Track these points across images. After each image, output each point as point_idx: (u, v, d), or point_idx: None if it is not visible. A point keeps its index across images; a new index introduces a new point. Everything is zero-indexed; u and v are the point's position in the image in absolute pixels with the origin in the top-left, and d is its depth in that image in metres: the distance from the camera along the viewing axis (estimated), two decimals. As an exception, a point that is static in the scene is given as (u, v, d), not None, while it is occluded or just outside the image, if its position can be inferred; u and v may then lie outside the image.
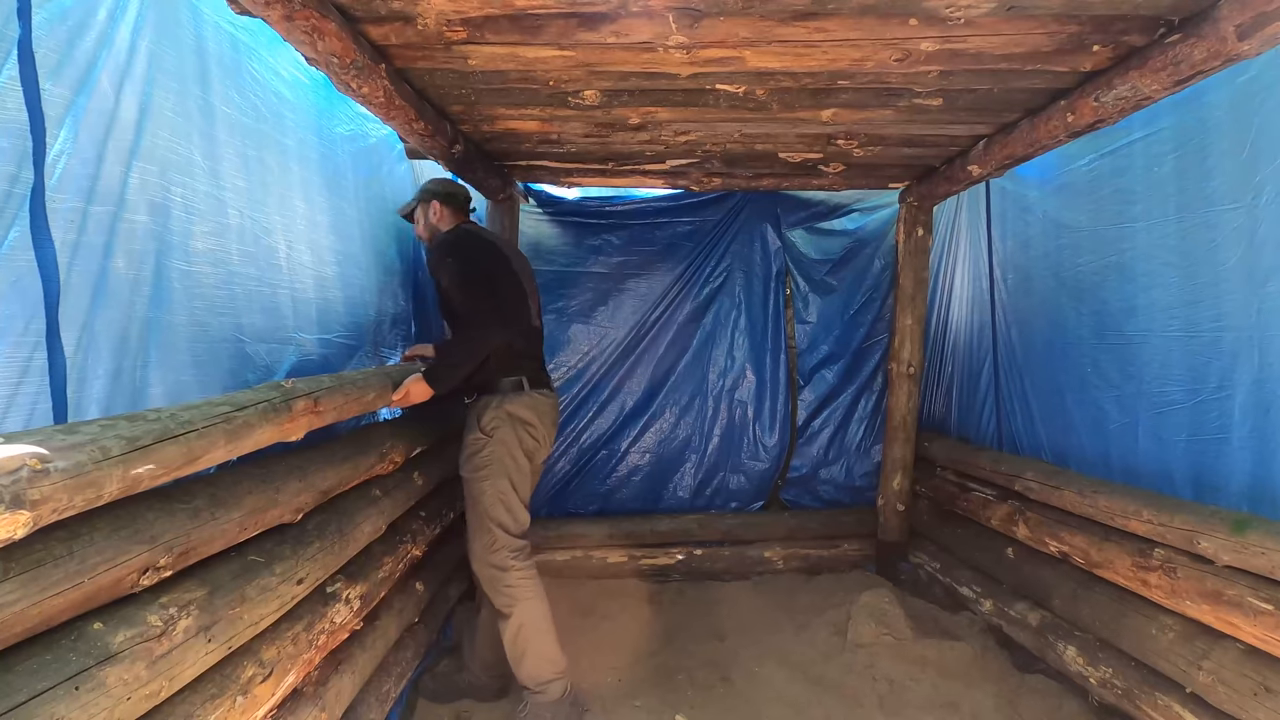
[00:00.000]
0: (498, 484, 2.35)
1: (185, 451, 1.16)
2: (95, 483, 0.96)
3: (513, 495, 2.37)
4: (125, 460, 1.02)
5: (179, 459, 1.15)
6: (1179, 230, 2.18)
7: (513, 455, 2.37)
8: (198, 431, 1.20)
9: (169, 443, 1.12)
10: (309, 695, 1.76)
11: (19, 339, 1.18)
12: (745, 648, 2.93)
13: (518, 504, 2.39)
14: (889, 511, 3.69)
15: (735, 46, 1.92)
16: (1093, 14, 1.74)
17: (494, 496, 2.35)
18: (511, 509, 2.37)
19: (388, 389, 2.18)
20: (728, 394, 3.88)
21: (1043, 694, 2.46)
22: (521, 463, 2.40)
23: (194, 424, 1.20)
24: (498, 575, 2.34)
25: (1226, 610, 1.79)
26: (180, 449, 1.15)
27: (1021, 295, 3.05)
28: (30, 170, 1.20)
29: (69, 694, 0.98)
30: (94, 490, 0.97)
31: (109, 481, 0.99)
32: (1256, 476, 1.92)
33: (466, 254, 2.40)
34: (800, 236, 3.92)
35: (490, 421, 2.36)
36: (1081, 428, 2.64)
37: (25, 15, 1.18)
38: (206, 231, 1.66)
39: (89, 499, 0.96)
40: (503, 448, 2.36)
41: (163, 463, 1.10)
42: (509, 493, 2.37)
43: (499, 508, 2.35)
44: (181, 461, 1.15)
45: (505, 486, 2.36)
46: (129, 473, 1.03)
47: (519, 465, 2.39)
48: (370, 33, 1.83)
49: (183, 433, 1.16)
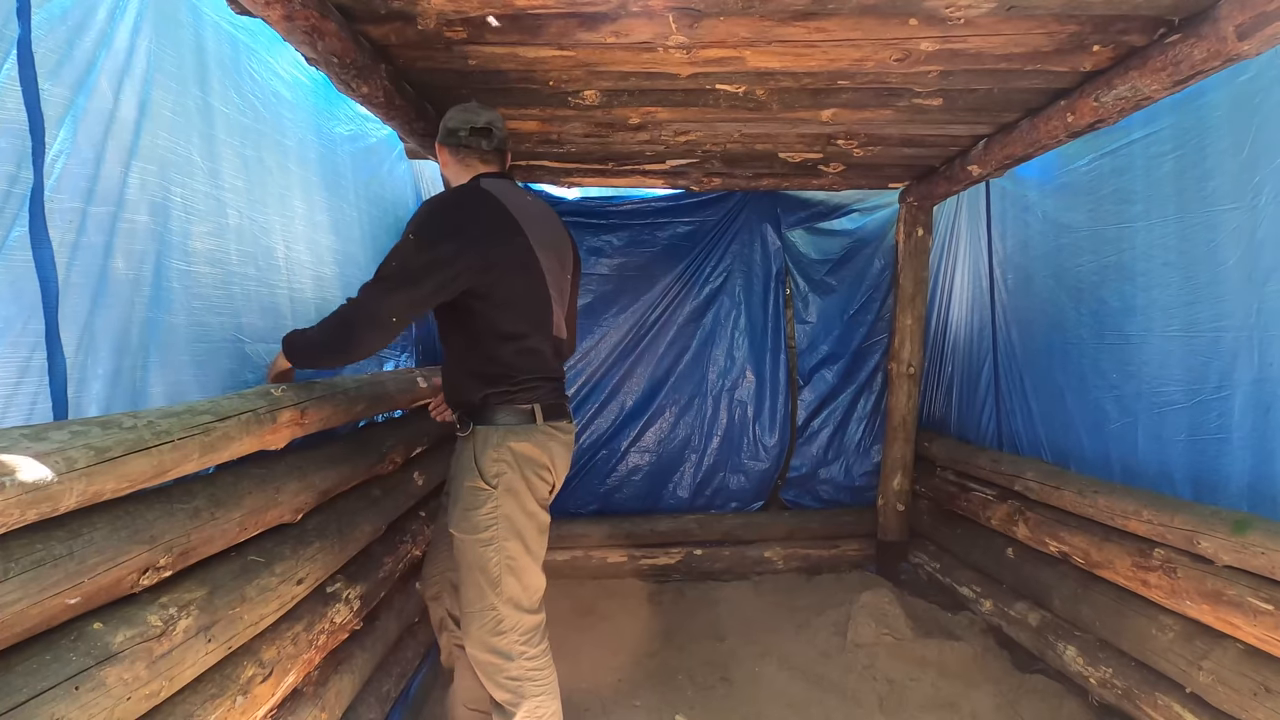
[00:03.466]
0: (506, 548, 1.80)
1: (155, 465, 1.12)
2: (52, 497, 0.93)
3: (526, 560, 1.83)
4: (89, 474, 0.98)
5: (147, 472, 1.11)
6: (1179, 230, 2.18)
7: (525, 508, 1.83)
8: (172, 443, 1.16)
9: (139, 455, 1.08)
10: (309, 695, 1.75)
11: (17, 339, 1.18)
12: (745, 647, 2.93)
13: (532, 570, 1.85)
14: (889, 511, 3.69)
15: (735, 46, 1.92)
16: (1093, 14, 1.74)
17: (502, 564, 1.80)
18: (523, 578, 1.83)
19: (380, 399, 2.14)
20: (727, 394, 3.89)
21: (1043, 694, 2.46)
22: (537, 515, 1.86)
23: (170, 434, 1.16)
24: (499, 665, 1.83)
25: (1226, 610, 1.79)
26: (150, 462, 1.11)
27: (1021, 295, 3.05)
28: (30, 170, 1.20)
29: (69, 694, 0.98)
30: (49, 504, 0.93)
31: (67, 496, 0.95)
32: (1256, 476, 1.92)
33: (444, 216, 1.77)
34: (800, 236, 3.92)
35: (494, 467, 1.80)
36: (1081, 427, 2.64)
37: (25, 15, 1.18)
38: (206, 232, 1.66)
39: (42, 512, 0.93)
40: (512, 501, 1.81)
41: (128, 477, 1.07)
42: (521, 557, 1.82)
43: (509, 579, 1.81)
44: (150, 475, 1.12)
45: (517, 550, 1.81)
46: (90, 488, 0.99)
47: (533, 520, 1.85)
48: (370, 33, 1.83)
49: (156, 444, 1.12)
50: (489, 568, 1.80)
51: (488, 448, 1.80)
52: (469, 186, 1.87)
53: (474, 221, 1.78)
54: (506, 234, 1.81)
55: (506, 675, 1.83)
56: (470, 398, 1.84)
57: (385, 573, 2.20)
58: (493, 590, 1.81)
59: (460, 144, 1.92)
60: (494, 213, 1.81)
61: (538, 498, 1.86)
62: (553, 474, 1.90)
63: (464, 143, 1.92)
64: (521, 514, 1.82)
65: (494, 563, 1.80)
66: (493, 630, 1.82)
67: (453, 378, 1.92)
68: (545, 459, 1.86)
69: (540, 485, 1.87)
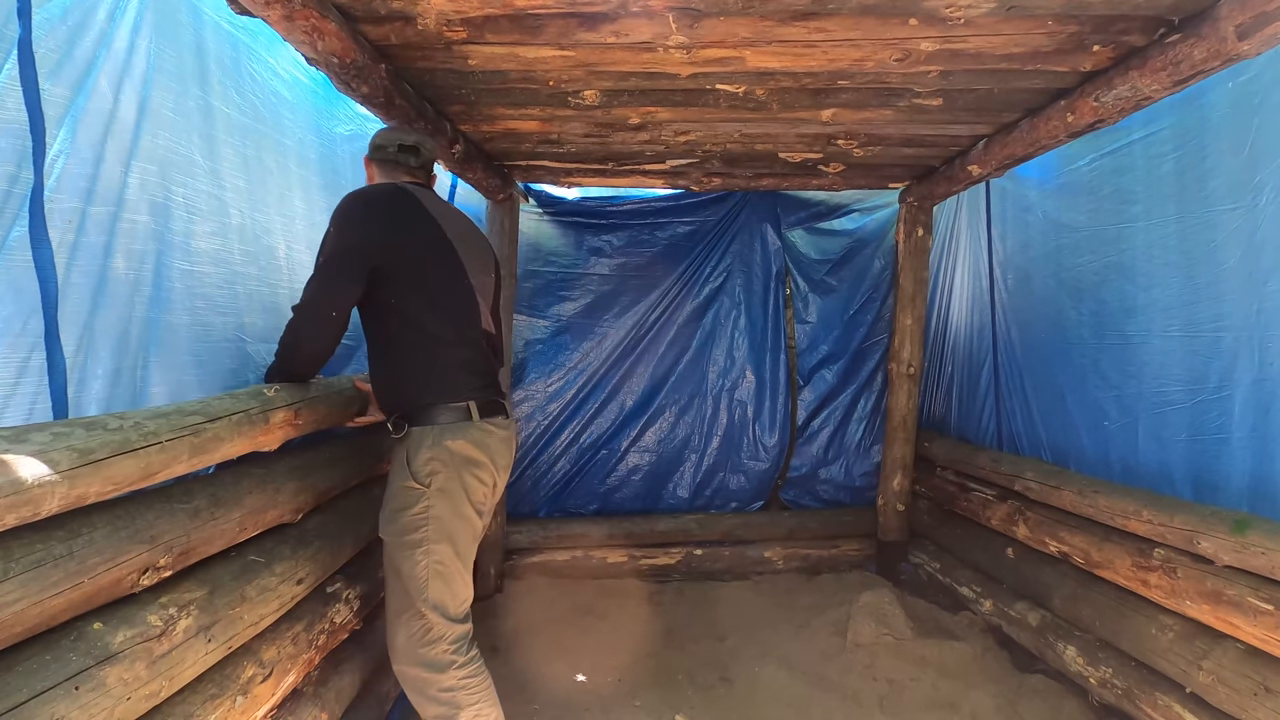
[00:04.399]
0: (435, 551, 1.73)
1: (142, 467, 1.09)
2: (33, 500, 0.91)
3: (455, 565, 1.76)
4: (72, 476, 0.95)
5: (134, 475, 1.08)
6: (1179, 230, 2.18)
7: (458, 511, 1.76)
8: (160, 445, 1.13)
9: (125, 457, 1.05)
10: (309, 695, 1.76)
11: (16, 339, 1.18)
12: (745, 647, 2.92)
13: (461, 577, 1.79)
14: (889, 511, 3.69)
15: (735, 46, 1.92)
16: (1093, 14, 1.74)
17: (429, 569, 1.73)
18: (452, 584, 1.76)
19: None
20: (727, 394, 3.88)
21: (1043, 694, 2.46)
22: (471, 520, 1.79)
23: (158, 435, 1.13)
24: (429, 679, 1.74)
25: (1226, 610, 1.79)
26: (137, 464, 1.08)
27: (1021, 295, 3.05)
28: (30, 170, 1.20)
29: (69, 694, 0.98)
30: (30, 508, 0.91)
31: (48, 499, 0.93)
32: (1256, 476, 1.92)
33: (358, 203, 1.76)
34: (800, 236, 3.92)
35: (425, 465, 1.73)
36: (1081, 427, 2.64)
37: (25, 15, 1.18)
38: (206, 231, 1.66)
39: (22, 516, 0.91)
40: (444, 502, 1.74)
41: (114, 480, 1.04)
42: (450, 562, 1.75)
43: (436, 584, 1.73)
44: (137, 477, 1.09)
45: (446, 554, 1.74)
46: (73, 491, 0.97)
47: (467, 524, 1.78)
48: (370, 33, 1.83)
49: (143, 445, 1.09)
50: (416, 572, 1.73)
51: (421, 448, 1.74)
52: (386, 184, 1.87)
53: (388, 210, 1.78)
54: (420, 222, 1.82)
55: (439, 688, 1.74)
56: (403, 398, 1.79)
57: (385, 573, 2.20)
58: (419, 596, 1.73)
59: (387, 159, 1.92)
60: (408, 204, 1.82)
61: (473, 500, 1.79)
62: (492, 473, 1.84)
63: (391, 158, 1.92)
64: (454, 516, 1.75)
65: (421, 566, 1.73)
66: (420, 640, 1.74)
67: (384, 379, 1.86)
68: (483, 457, 1.80)
69: (477, 487, 1.80)
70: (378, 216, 1.75)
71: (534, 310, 3.70)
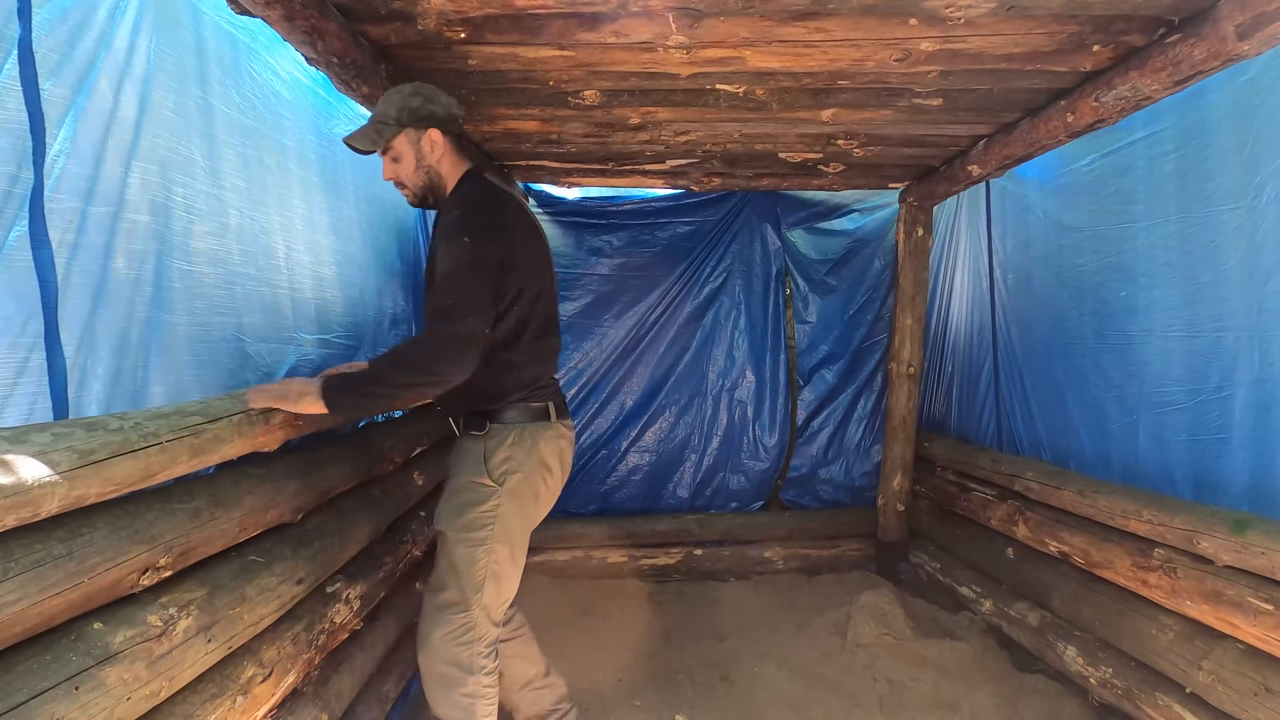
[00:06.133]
0: (496, 551, 1.73)
1: (142, 467, 1.09)
2: (33, 502, 0.90)
3: (509, 567, 1.76)
4: (72, 477, 0.95)
5: (134, 475, 1.08)
6: (1180, 230, 2.18)
7: (524, 513, 1.76)
8: (160, 445, 1.13)
9: (125, 458, 1.05)
10: (309, 695, 1.75)
11: (16, 339, 1.18)
12: (745, 648, 2.93)
13: (510, 580, 1.78)
14: (889, 511, 3.69)
15: (735, 46, 1.92)
16: (1093, 14, 1.74)
17: (487, 569, 1.72)
18: (503, 587, 1.76)
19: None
20: (727, 394, 3.89)
21: (1043, 694, 2.46)
22: (531, 523, 1.80)
23: (159, 436, 1.13)
24: (457, 680, 1.73)
25: (1226, 610, 1.79)
26: (137, 465, 1.08)
27: (1021, 295, 3.05)
28: (30, 170, 1.20)
29: (69, 694, 0.98)
30: (30, 509, 0.90)
31: (48, 500, 0.92)
32: (1256, 476, 1.92)
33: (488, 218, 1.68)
34: (800, 236, 3.92)
35: (502, 464, 1.72)
36: (1082, 427, 2.64)
37: (25, 15, 1.18)
38: (206, 231, 1.66)
39: (22, 517, 0.90)
40: (513, 504, 1.73)
41: (114, 480, 1.04)
42: (505, 564, 1.74)
43: (490, 586, 1.73)
44: (138, 478, 1.10)
45: (504, 555, 1.74)
46: (73, 492, 0.96)
47: (527, 527, 1.79)
48: (370, 33, 1.83)
49: (143, 446, 1.09)
50: (475, 570, 1.72)
51: (502, 446, 1.72)
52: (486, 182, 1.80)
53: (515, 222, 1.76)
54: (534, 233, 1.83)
55: (462, 692, 1.72)
56: (488, 396, 1.76)
57: (385, 573, 2.20)
58: (472, 594, 1.72)
59: (455, 131, 1.80)
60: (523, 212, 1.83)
61: (539, 505, 1.79)
62: (559, 480, 1.85)
63: (459, 130, 1.81)
64: (519, 518, 1.76)
65: (480, 565, 1.72)
66: (458, 639, 1.72)
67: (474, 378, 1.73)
68: (556, 464, 1.81)
69: (545, 492, 1.80)
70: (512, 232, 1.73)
71: (534, 310, 3.70)
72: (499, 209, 1.74)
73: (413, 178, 1.81)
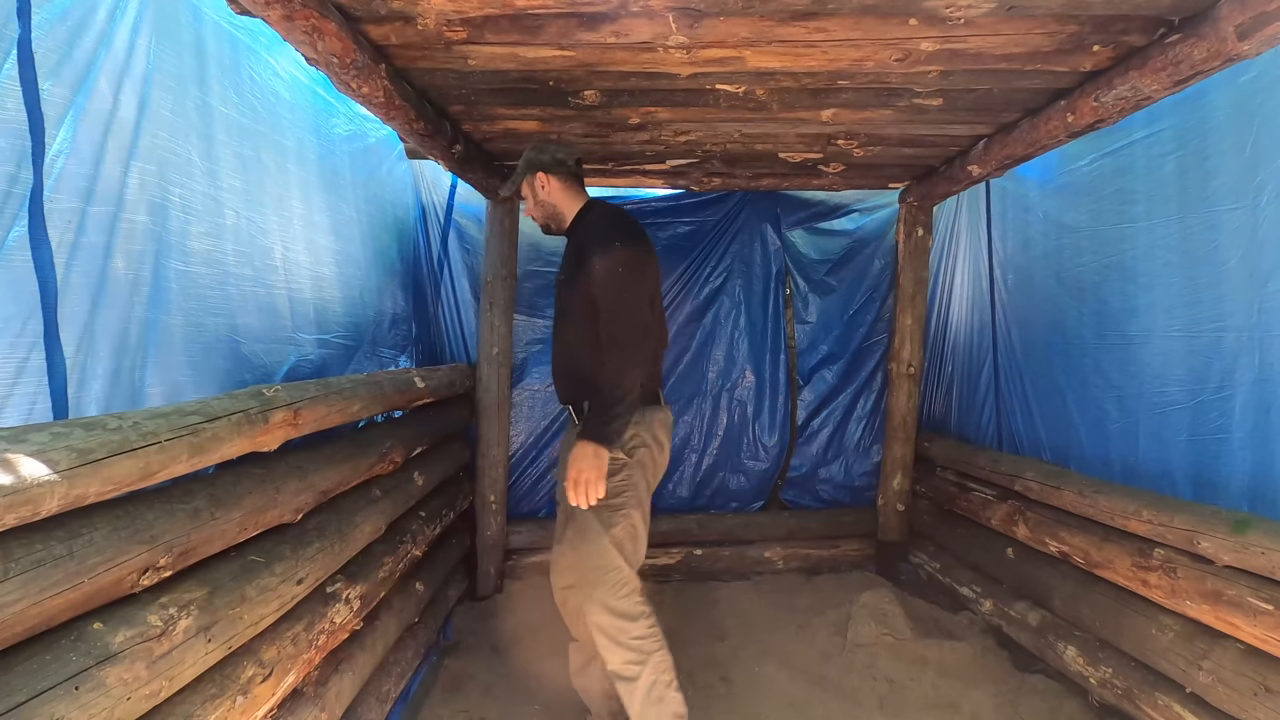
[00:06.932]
0: (632, 515, 2.05)
1: (141, 467, 1.09)
2: (32, 500, 0.90)
3: (642, 529, 2.09)
4: (71, 476, 0.95)
5: (133, 475, 1.08)
6: (1180, 230, 2.18)
7: (648, 482, 2.10)
8: (159, 445, 1.13)
9: (124, 457, 1.05)
10: (309, 695, 1.76)
11: (16, 339, 1.18)
12: (745, 647, 2.92)
13: (642, 539, 2.10)
14: (889, 511, 3.69)
15: (735, 46, 1.92)
16: (1093, 14, 1.74)
17: (625, 530, 2.04)
18: (639, 545, 2.09)
19: (375, 399, 2.14)
20: (727, 394, 3.88)
21: (1043, 694, 2.46)
22: (650, 490, 2.14)
23: (157, 435, 1.13)
24: (626, 626, 2.00)
25: (1226, 610, 1.79)
26: (136, 464, 1.08)
27: (1021, 295, 3.05)
28: (29, 170, 1.20)
29: (69, 694, 0.98)
30: (30, 509, 0.91)
31: (48, 499, 0.93)
32: (1256, 476, 1.92)
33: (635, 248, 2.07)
34: (800, 236, 3.92)
35: (631, 440, 2.05)
36: (1082, 428, 2.64)
37: (25, 15, 1.18)
38: (204, 232, 1.66)
39: (22, 516, 0.90)
40: (640, 473, 2.07)
41: (113, 480, 1.04)
42: (640, 525, 2.08)
43: (629, 544, 2.05)
44: (136, 477, 1.10)
45: (637, 519, 2.07)
46: (72, 491, 0.96)
47: (648, 494, 2.12)
48: (370, 33, 1.83)
49: (142, 445, 1.09)
50: (617, 533, 2.01)
51: (628, 425, 2.02)
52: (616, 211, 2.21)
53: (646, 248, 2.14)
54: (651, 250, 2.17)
55: (632, 636, 1.99)
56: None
57: (385, 573, 2.20)
58: (620, 552, 2.01)
59: (571, 173, 2.23)
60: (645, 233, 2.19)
61: (656, 475, 2.13)
62: (666, 450, 2.18)
63: (574, 172, 2.23)
64: (645, 487, 2.08)
65: (621, 528, 2.01)
66: (617, 592, 2.00)
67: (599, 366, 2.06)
68: (665, 436, 2.16)
69: (661, 460, 2.14)
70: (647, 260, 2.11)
71: (534, 310, 3.69)
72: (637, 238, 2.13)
73: (534, 210, 2.27)
